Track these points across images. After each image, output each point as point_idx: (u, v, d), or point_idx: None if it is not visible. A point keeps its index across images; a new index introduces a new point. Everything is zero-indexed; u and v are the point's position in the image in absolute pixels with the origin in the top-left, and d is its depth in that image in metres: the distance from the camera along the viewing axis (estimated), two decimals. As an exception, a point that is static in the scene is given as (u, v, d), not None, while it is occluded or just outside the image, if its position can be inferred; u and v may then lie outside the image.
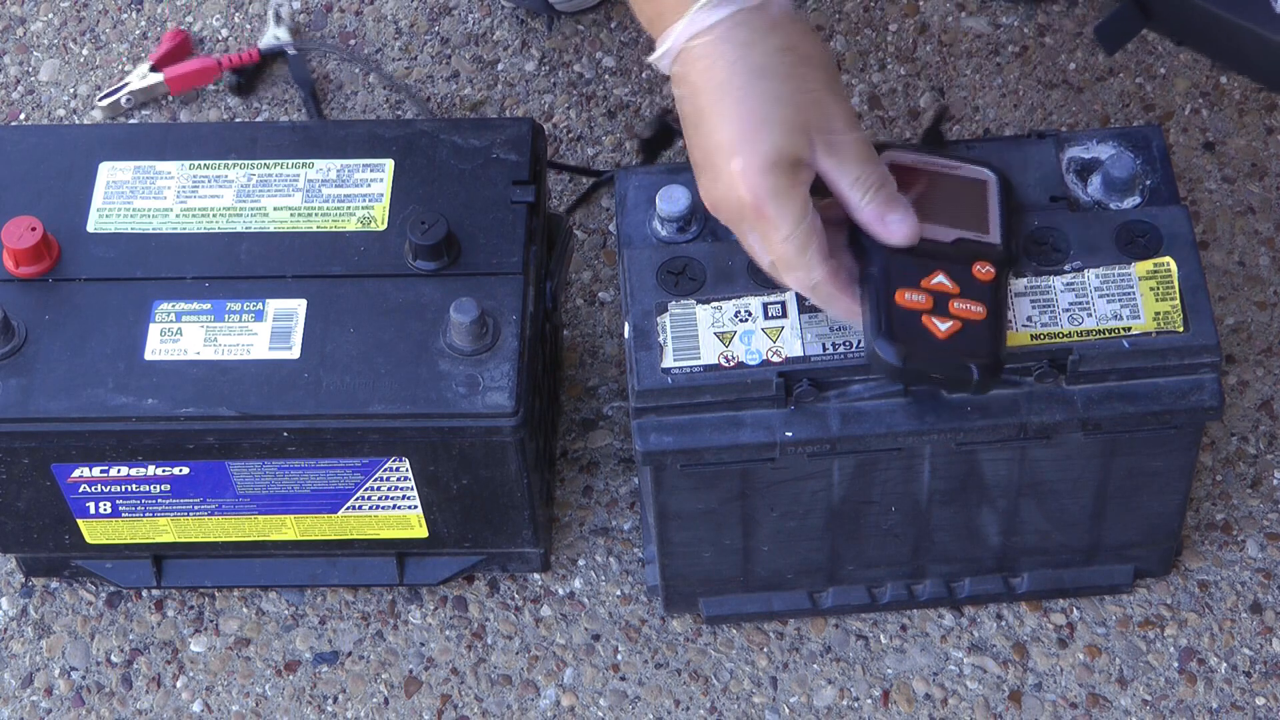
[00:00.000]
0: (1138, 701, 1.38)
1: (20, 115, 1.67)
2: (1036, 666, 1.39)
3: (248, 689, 1.40)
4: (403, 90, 1.59)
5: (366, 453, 1.30)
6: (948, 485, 1.29)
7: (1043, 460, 1.27)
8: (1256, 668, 1.38)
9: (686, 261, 1.25)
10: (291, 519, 1.36)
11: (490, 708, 1.39)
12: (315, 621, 1.42)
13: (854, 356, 1.22)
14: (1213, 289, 1.51)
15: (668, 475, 1.26)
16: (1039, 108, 1.61)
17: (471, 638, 1.42)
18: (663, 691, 1.39)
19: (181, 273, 1.31)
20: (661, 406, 1.23)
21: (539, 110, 1.63)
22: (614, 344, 1.52)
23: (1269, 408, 1.48)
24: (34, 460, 1.30)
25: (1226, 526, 1.44)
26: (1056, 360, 1.22)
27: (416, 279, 1.31)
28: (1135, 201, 1.27)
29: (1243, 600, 1.41)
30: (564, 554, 1.45)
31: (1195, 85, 1.62)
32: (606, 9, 1.69)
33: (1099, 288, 1.23)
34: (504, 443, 1.29)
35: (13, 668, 1.42)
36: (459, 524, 1.37)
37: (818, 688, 1.39)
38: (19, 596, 1.44)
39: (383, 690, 1.40)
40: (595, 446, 1.49)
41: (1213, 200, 1.57)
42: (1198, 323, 1.22)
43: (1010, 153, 1.28)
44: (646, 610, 1.42)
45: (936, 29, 1.66)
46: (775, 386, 1.22)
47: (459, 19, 1.69)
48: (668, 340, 1.23)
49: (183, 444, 1.29)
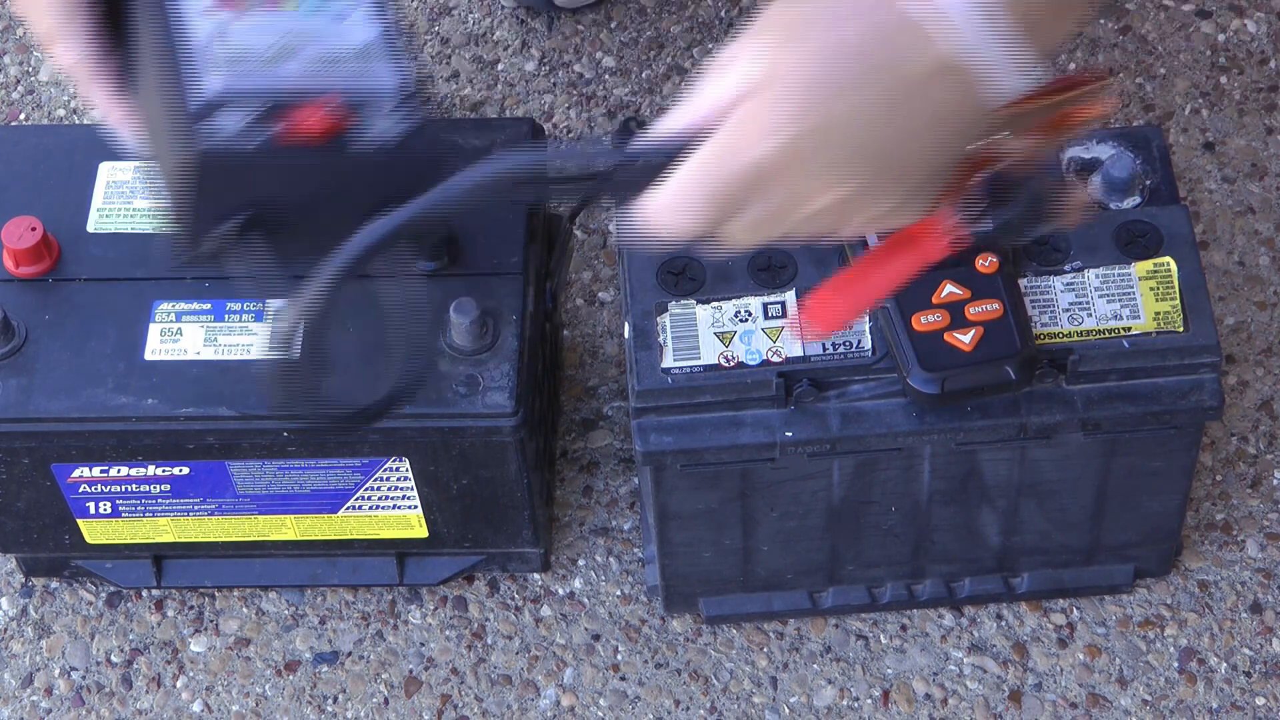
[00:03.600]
0: (1138, 701, 1.38)
1: (20, 115, 1.67)
2: (1036, 666, 1.39)
3: (248, 689, 1.40)
4: None
5: (366, 453, 1.30)
6: (948, 485, 1.29)
7: (1043, 460, 1.28)
8: (1256, 668, 1.38)
9: (686, 261, 1.25)
10: (291, 519, 1.36)
11: (490, 708, 1.39)
12: (315, 621, 1.42)
13: (854, 356, 1.22)
14: (1213, 289, 1.51)
15: (668, 475, 1.26)
16: (1039, 108, 1.61)
17: (471, 638, 1.42)
18: (663, 691, 1.39)
19: (181, 273, 1.31)
20: (661, 406, 1.23)
21: (539, 110, 1.63)
22: (614, 344, 1.52)
23: (1269, 408, 1.48)
24: (34, 460, 1.30)
25: (1226, 526, 1.44)
26: (1056, 360, 1.22)
27: (416, 279, 1.30)
28: (1135, 201, 1.27)
29: (1243, 600, 1.41)
30: (564, 554, 1.45)
31: (1195, 85, 1.62)
32: (606, 9, 1.68)
33: (1099, 288, 1.23)
34: (504, 443, 1.29)
35: (13, 668, 1.42)
36: (459, 524, 1.37)
37: (818, 688, 1.39)
38: (19, 596, 1.44)
39: (383, 690, 1.40)
40: (595, 446, 1.49)
41: (1213, 200, 1.57)
42: (1198, 323, 1.22)
43: (1010, 153, 1.28)
44: (646, 610, 1.42)
45: (936, 29, 1.66)
46: (775, 386, 1.22)
47: (459, 19, 1.69)
48: (668, 340, 1.23)
49: (183, 444, 1.29)
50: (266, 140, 1.04)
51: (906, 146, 0.90)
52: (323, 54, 1.07)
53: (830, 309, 0.96)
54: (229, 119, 1.04)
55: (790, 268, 1.25)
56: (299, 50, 1.07)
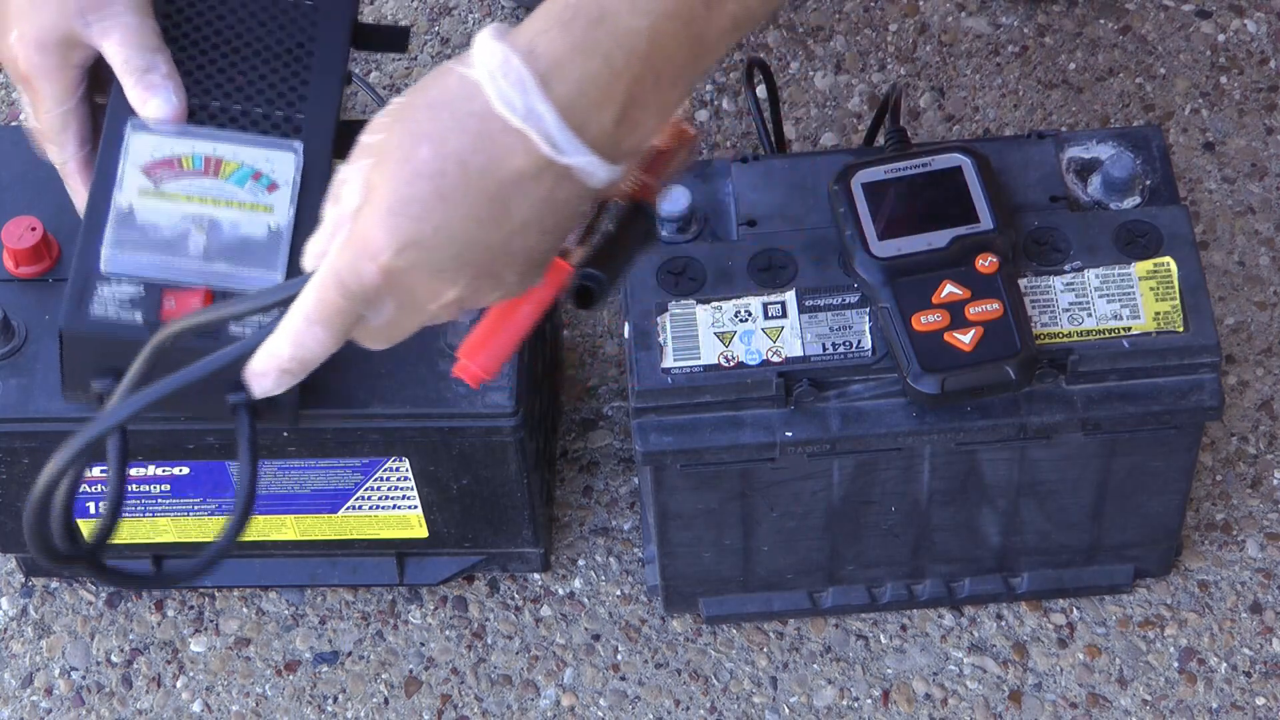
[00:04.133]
0: (1138, 701, 1.38)
1: (20, 115, 1.67)
2: (1036, 666, 1.39)
3: (248, 689, 1.40)
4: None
5: (366, 453, 1.30)
6: (947, 485, 1.29)
7: (1043, 460, 1.27)
8: (1256, 668, 1.38)
9: (686, 261, 1.25)
10: (291, 519, 1.36)
11: (490, 708, 1.39)
12: (315, 621, 1.43)
13: (854, 356, 1.22)
14: (1213, 289, 1.51)
15: (668, 475, 1.26)
16: (1039, 108, 1.61)
17: (471, 638, 1.42)
18: (663, 691, 1.39)
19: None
20: (661, 406, 1.23)
21: (539, 110, 1.63)
22: (614, 344, 1.52)
23: (1269, 408, 1.48)
24: (34, 460, 1.30)
25: (1226, 526, 1.44)
26: (1056, 360, 1.22)
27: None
28: (1135, 201, 1.27)
29: (1243, 600, 1.41)
30: (564, 554, 1.45)
31: (1195, 85, 1.62)
32: (606, 9, 1.68)
33: (1099, 288, 1.23)
34: (504, 443, 1.29)
35: (13, 668, 1.42)
36: (459, 524, 1.37)
37: (818, 688, 1.39)
38: (19, 596, 1.44)
39: (383, 690, 1.40)
40: (595, 446, 1.49)
41: (1213, 200, 1.57)
42: (1198, 323, 1.22)
43: (1010, 153, 1.29)
44: (646, 610, 1.42)
45: (936, 29, 1.66)
46: (775, 386, 1.22)
47: (459, 19, 1.69)
48: (668, 340, 1.23)
49: (183, 444, 1.29)
50: (139, 323, 1.15)
51: (512, 242, 0.95)
52: (217, 245, 1.16)
53: (486, 354, 1.00)
54: (113, 293, 1.15)
55: (790, 268, 1.25)
56: (194, 238, 1.16)
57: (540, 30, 0.92)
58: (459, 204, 0.93)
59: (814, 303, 1.24)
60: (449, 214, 0.93)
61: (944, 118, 1.61)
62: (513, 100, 0.92)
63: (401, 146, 0.93)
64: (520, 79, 0.92)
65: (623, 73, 0.93)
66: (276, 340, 0.98)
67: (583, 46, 0.92)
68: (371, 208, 0.94)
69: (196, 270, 1.17)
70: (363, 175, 0.95)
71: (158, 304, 1.16)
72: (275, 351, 0.98)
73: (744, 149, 1.60)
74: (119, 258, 1.17)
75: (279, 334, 0.98)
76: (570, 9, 0.92)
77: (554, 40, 0.92)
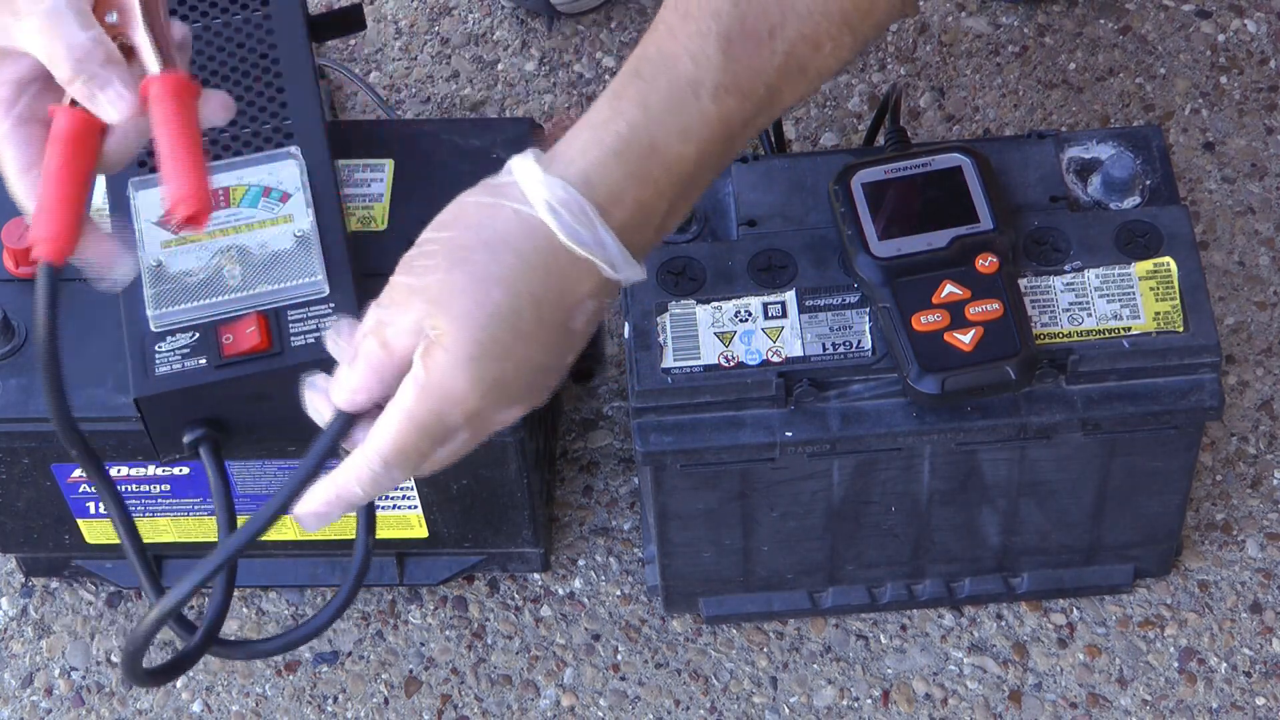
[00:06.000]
0: (1138, 701, 1.38)
1: None
2: (1036, 666, 1.39)
3: (248, 689, 1.40)
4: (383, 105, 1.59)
5: (366, 453, 1.30)
6: (948, 485, 1.29)
7: (1043, 460, 1.28)
8: (1256, 668, 1.38)
9: (686, 261, 1.25)
10: (291, 519, 1.35)
11: (490, 708, 1.39)
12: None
13: (854, 356, 1.22)
14: (1213, 289, 1.51)
15: (668, 475, 1.26)
16: (1039, 108, 1.61)
17: (471, 638, 1.42)
18: (663, 691, 1.39)
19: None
20: (661, 406, 1.23)
21: (539, 110, 1.63)
22: (614, 344, 1.52)
23: (1269, 408, 1.48)
24: (34, 460, 1.30)
25: (1226, 526, 1.44)
26: (1056, 360, 1.22)
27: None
28: (1135, 201, 1.27)
29: (1243, 600, 1.41)
30: (564, 554, 1.45)
31: (1195, 85, 1.62)
32: (606, 9, 1.69)
33: (1099, 288, 1.23)
34: (504, 443, 1.29)
35: (13, 668, 1.42)
36: (459, 524, 1.37)
37: (818, 688, 1.39)
38: (19, 596, 1.44)
39: (383, 690, 1.40)
40: (595, 446, 1.49)
41: (1213, 200, 1.57)
42: (1198, 323, 1.22)
43: (1010, 153, 1.29)
44: (646, 610, 1.42)
45: (936, 29, 1.66)
46: (775, 386, 1.22)
47: (459, 19, 1.69)
48: (668, 340, 1.23)
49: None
50: (206, 366, 1.18)
51: (572, 352, 1.02)
52: (252, 269, 1.19)
53: (197, 194, 1.01)
54: (170, 348, 1.19)
55: (790, 268, 1.25)
56: (228, 270, 1.20)
57: (595, 162, 0.98)
58: (535, 338, 0.98)
59: (814, 303, 1.24)
60: (528, 350, 0.99)
61: (944, 118, 1.61)
62: (579, 233, 0.97)
63: (468, 292, 0.97)
64: (584, 211, 0.97)
65: (667, 193, 1.00)
66: (344, 483, 1.01)
67: (637, 176, 0.99)
68: (447, 354, 0.97)
69: (241, 299, 1.20)
70: (414, 320, 0.97)
71: (216, 342, 1.19)
72: (344, 496, 1.01)
73: (744, 149, 1.60)
74: (164, 313, 1.20)
75: (348, 476, 1.01)
76: (621, 140, 0.98)
77: (610, 171, 0.98)
